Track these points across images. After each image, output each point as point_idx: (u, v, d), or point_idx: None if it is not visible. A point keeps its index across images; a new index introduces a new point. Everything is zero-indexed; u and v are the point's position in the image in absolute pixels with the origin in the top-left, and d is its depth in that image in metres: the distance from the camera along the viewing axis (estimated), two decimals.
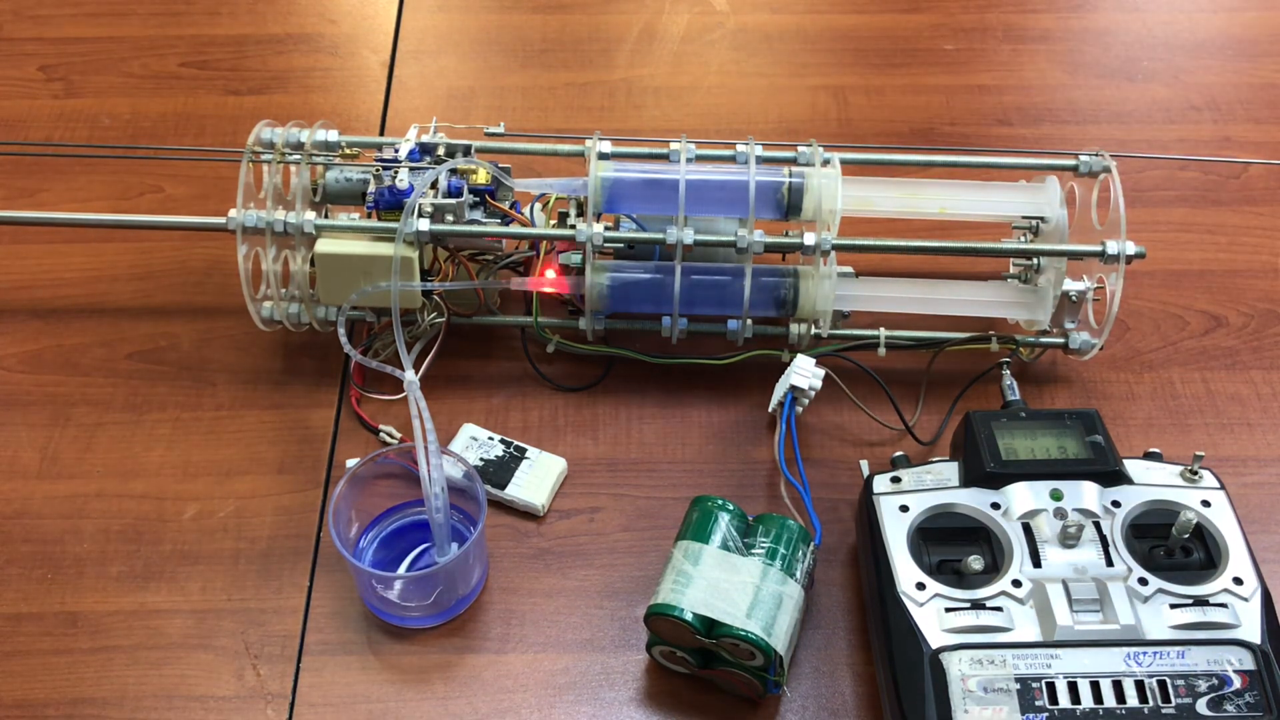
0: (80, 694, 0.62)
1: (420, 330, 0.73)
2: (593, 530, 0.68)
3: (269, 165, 0.70)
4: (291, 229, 0.69)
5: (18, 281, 0.80)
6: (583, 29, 0.99)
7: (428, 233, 0.68)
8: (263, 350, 0.76)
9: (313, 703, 0.62)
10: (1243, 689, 0.55)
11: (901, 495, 0.62)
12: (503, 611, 0.65)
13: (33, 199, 0.85)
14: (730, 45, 0.97)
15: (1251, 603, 0.57)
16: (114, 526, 0.68)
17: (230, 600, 0.65)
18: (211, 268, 0.81)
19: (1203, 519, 0.61)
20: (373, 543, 0.67)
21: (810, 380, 0.68)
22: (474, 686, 0.62)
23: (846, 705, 0.62)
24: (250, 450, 0.71)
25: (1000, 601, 0.58)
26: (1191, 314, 0.79)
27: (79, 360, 0.76)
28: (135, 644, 0.64)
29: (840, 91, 0.93)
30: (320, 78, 0.94)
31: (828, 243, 0.70)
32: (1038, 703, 0.54)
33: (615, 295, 0.72)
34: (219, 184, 0.86)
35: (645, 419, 0.74)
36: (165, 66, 0.95)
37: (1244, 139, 0.90)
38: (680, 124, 0.91)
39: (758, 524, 0.62)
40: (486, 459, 0.70)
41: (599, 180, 0.70)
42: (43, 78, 0.94)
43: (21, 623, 0.64)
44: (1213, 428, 0.73)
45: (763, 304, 0.72)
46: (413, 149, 0.71)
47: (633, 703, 0.62)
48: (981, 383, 0.74)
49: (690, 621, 0.58)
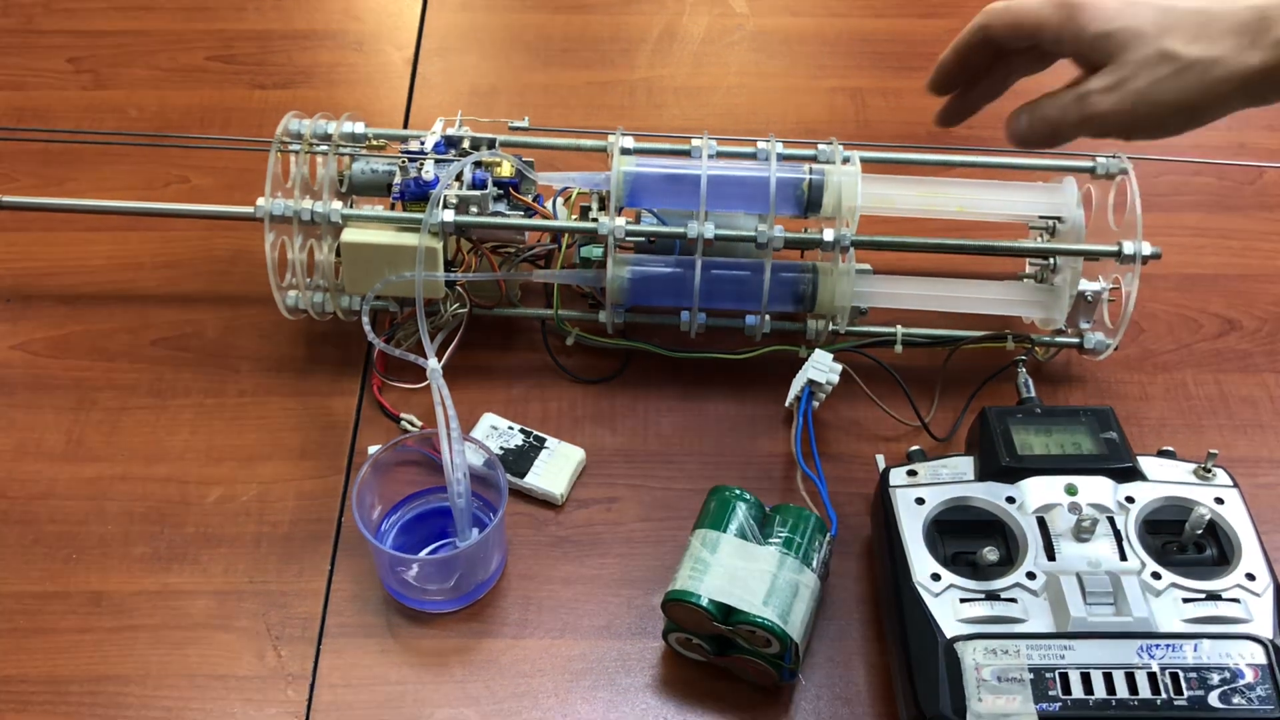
0: (104, 671, 0.63)
1: (443, 320, 0.74)
2: (610, 520, 0.69)
3: (296, 155, 0.71)
4: (318, 218, 0.70)
5: (46, 268, 0.81)
6: (604, 29, 1.00)
7: (452, 224, 0.69)
8: (286, 338, 0.77)
9: (332, 684, 0.63)
10: (1254, 683, 0.55)
11: (917, 488, 0.63)
12: (521, 597, 0.66)
13: (60, 188, 0.86)
14: (750, 47, 0.98)
15: (1264, 598, 0.58)
16: (138, 509, 0.69)
17: (252, 582, 0.66)
18: (236, 257, 0.82)
19: (1216, 515, 0.61)
20: (393, 528, 0.67)
21: (827, 375, 0.69)
22: (491, 670, 0.63)
23: (860, 694, 0.62)
24: (273, 436, 0.72)
25: (1014, 593, 0.59)
26: (1206, 317, 0.80)
27: (105, 346, 0.77)
28: (158, 624, 0.65)
29: (858, 93, 0.94)
30: (345, 73, 0.96)
31: (847, 239, 0.70)
32: (1051, 693, 0.55)
33: (635, 289, 0.73)
34: (244, 176, 0.87)
35: (663, 412, 0.74)
36: (192, 60, 0.96)
37: (1259, 145, 0.91)
38: (700, 124, 0.92)
39: (775, 514, 0.63)
40: (506, 448, 0.70)
41: (621, 175, 0.71)
42: (71, 69, 0.95)
43: (47, 601, 0.65)
44: (1226, 429, 0.74)
45: (781, 299, 0.73)
46: (438, 142, 0.72)
47: (648, 689, 0.63)
48: (996, 380, 0.74)
49: (707, 608, 0.59)
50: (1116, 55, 0.55)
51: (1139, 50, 0.54)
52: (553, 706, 0.62)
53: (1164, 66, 0.54)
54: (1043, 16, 0.58)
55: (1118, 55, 0.55)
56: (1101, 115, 0.56)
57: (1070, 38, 0.57)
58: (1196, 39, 0.53)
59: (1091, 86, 0.56)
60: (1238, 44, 0.53)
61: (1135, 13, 0.55)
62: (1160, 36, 0.54)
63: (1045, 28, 0.58)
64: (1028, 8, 0.58)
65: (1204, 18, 0.54)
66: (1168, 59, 0.54)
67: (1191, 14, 0.54)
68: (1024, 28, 0.59)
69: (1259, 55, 0.52)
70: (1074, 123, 0.58)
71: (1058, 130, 0.59)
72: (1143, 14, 0.55)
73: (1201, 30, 0.53)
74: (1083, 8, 0.56)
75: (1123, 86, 0.55)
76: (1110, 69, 0.56)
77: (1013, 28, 0.60)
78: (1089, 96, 0.56)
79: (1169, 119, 0.55)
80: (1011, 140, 0.62)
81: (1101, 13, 0.56)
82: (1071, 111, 0.57)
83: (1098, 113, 0.56)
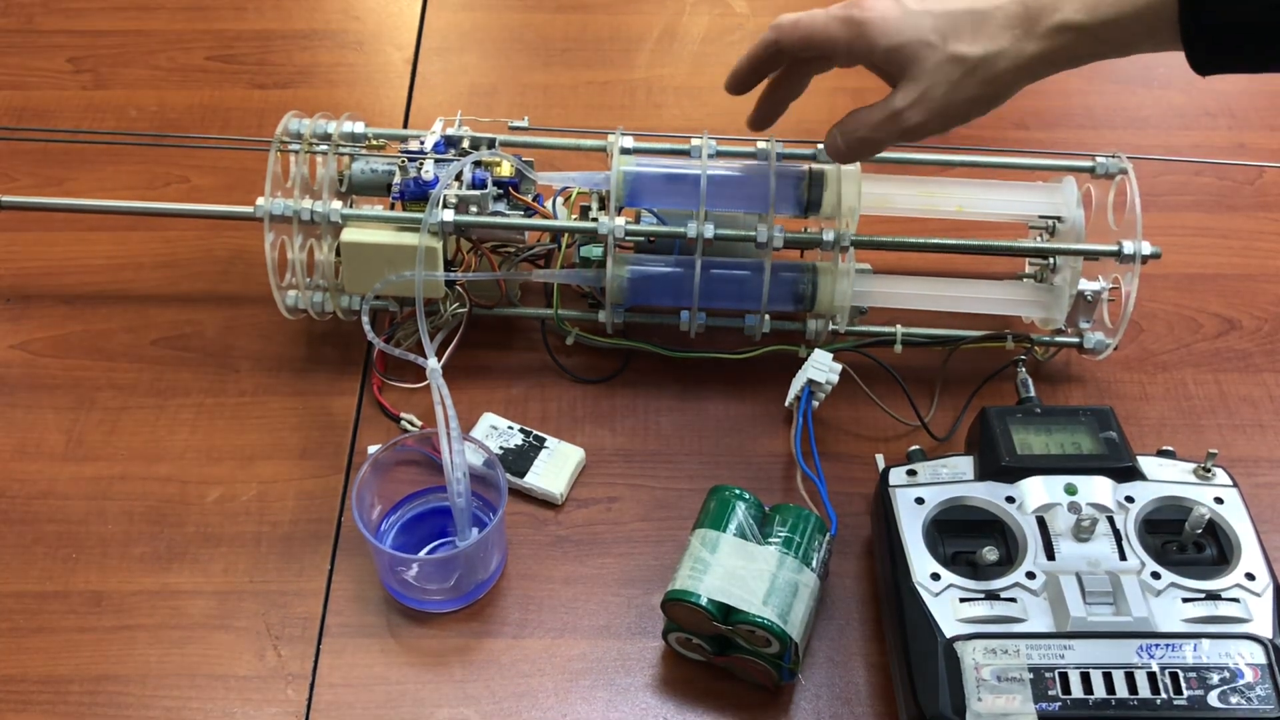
0: (103, 671, 0.63)
1: (442, 320, 0.74)
2: (610, 519, 0.69)
3: (296, 155, 0.71)
4: (318, 218, 0.70)
5: (45, 268, 0.81)
6: (604, 29, 1.00)
7: (452, 223, 0.69)
8: (286, 338, 0.77)
9: (332, 683, 0.63)
10: (1254, 682, 0.55)
11: (917, 488, 0.63)
12: (520, 597, 0.66)
13: (60, 188, 0.86)
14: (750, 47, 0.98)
15: (1263, 598, 0.58)
16: (138, 508, 0.69)
17: (252, 582, 0.66)
18: (235, 257, 0.82)
19: (1215, 515, 0.61)
20: (393, 527, 0.67)
21: (827, 375, 0.69)
22: (491, 670, 0.63)
23: (860, 694, 0.62)
24: (273, 436, 0.72)
25: (1014, 593, 0.59)
26: (1205, 317, 0.80)
27: (105, 345, 0.77)
28: (158, 623, 0.65)
29: (859, 94, 0.93)
30: (344, 73, 0.96)
31: (847, 239, 0.70)
32: (1050, 692, 0.55)
33: (635, 288, 0.73)
34: (244, 175, 0.87)
35: (663, 411, 0.74)
36: (192, 60, 0.96)
37: (1259, 145, 0.91)
38: (699, 123, 0.92)
39: (774, 514, 0.63)
40: (506, 448, 0.70)
41: (621, 174, 0.71)
42: (71, 69, 0.95)
43: (47, 601, 0.65)
44: (1225, 429, 0.74)
45: (781, 299, 0.73)
46: (438, 141, 0.72)
47: (648, 689, 0.63)
48: (996, 380, 0.74)
49: (707, 607, 0.59)
50: (910, 67, 0.59)
51: (930, 58, 0.58)
52: (553, 706, 0.62)
53: (956, 69, 0.58)
54: (831, 33, 0.61)
55: (911, 67, 0.59)
56: (913, 129, 0.60)
57: (862, 53, 0.60)
58: (977, 38, 0.58)
59: (897, 105, 0.60)
60: (1014, 36, 0.57)
61: (917, 23, 0.58)
62: (946, 41, 0.58)
63: (835, 44, 0.61)
64: (817, 25, 0.61)
65: (978, 17, 0.58)
66: (958, 61, 0.58)
67: (966, 15, 0.58)
68: (814, 44, 0.62)
69: (1035, 45, 0.57)
70: (888, 138, 0.62)
71: (874, 146, 0.63)
72: (924, 23, 0.58)
73: (979, 29, 0.58)
74: (869, 24, 0.59)
75: (926, 97, 0.59)
76: (909, 83, 0.59)
77: (804, 43, 0.62)
78: (900, 115, 0.60)
79: (970, 112, 0.60)
80: (831, 157, 0.65)
81: (887, 26, 0.59)
82: (884, 129, 0.61)
83: (909, 127, 0.60)
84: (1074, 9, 0.56)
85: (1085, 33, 0.56)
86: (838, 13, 0.60)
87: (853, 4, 0.60)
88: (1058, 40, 0.57)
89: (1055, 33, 0.57)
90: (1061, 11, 0.56)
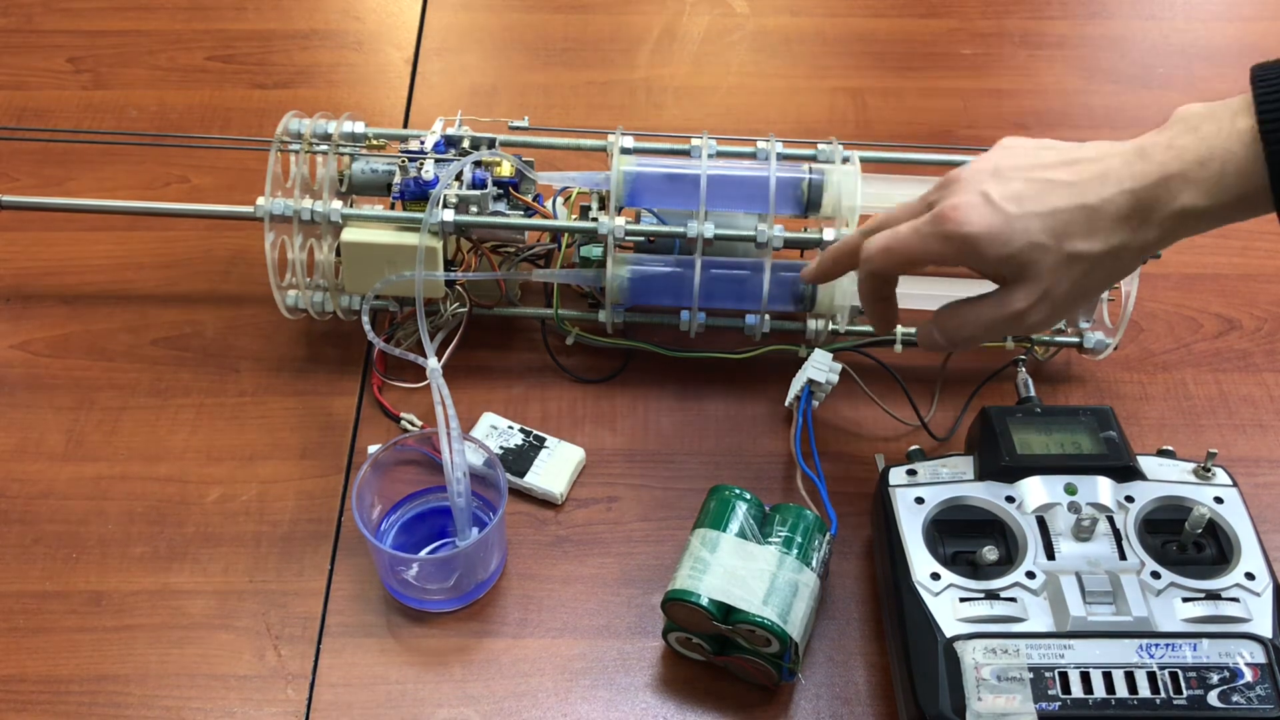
0: (103, 671, 0.63)
1: (442, 320, 0.74)
2: (610, 519, 0.69)
3: (296, 155, 0.71)
4: (318, 218, 0.70)
5: (45, 268, 0.81)
6: (604, 29, 1.00)
7: (452, 223, 0.69)
8: (286, 338, 0.77)
9: (332, 683, 0.63)
10: (1254, 682, 0.55)
11: (917, 488, 0.63)
12: (520, 597, 0.66)
13: (60, 188, 0.86)
14: (750, 47, 0.98)
15: (1263, 597, 0.58)
16: (138, 508, 0.69)
17: (252, 582, 0.66)
18: (236, 257, 0.82)
19: (1215, 515, 0.61)
20: (393, 527, 0.67)
21: (827, 374, 0.69)
22: (491, 670, 0.63)
23: (859, 694, 0.62)
24: (273, 436, 0.72)
25: (1014, 592, 0.59)
26: (1205, 317, 0.80)
27: (105, 345, 0.77)
28: (158, 623, 0.65)
29: (859, 94, 0.94)
30: (345, 73, 0.96)
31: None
32: (1050, 692, 0.55)
33: (635, 288, 0.73)
34: (244, 175, 0.87)
35: (663, 411, 0.74)
36: (192, 60, 0.96)
37: None
38: (700, 123, 0.92)
39: (774, 513, 0.63)
40: (506, 447, 0.70)
41: (621, 174, 0.71)
42: (71, 69, 0.95)
43: (47, 601, 0.65)
44: (1225, 429, 0.74)
45: (781, 299, 0.73)
46: (438, 141, 0.72)
47: (648, 688, 0.63)
48: (996, 380, 0.74)
49: (706, 607, 0.59)
50: (1026, 271, 0.56)
51: (1046, 261, 0.56)
52: (552, 706, 0.62)
53: (1077, 267, 0.56)
54: (934, 253, 0.58)
55: (1027, 271, 0.56)
56: (1036, 325, 0.58)
57: (972, 266, 0.58)
58: (1092, 236, 0.55)
59: (1019, 306, 0.57)
60: (1131, 228, 0.55)
61: (1026, 226, 0.55)
62: (1060, 242, 0.55)
63: (941, 261, 0.58)
64: (913, 248, 0.58)
65: (1088, 213, 0.55)
66: (1078, 260, 0.56)
67: (1076, 212, 0.55)
68: (915, 266, 0.60)
69: (1154, 232, 0.55)
70: (1005, 334, 0.59)
71: (983, 340, 0.61)
72: (1032, 225, 0.55)
73: (1093, 226, 0.55)
74: (975, 240, 0.56)
75: (1049, 298, 0.57)
76: (1028, 284, 0.57)
77: (902, 268, 0.61)
78: (1023, 315, 0.57)
79: (1095, 297, 0.63)
80: (923, 349, 0.63)
81: (995, 238, 0.56)
82: (1003, 329, 0.58)
83: (1032, 324, 0.58)
84: (1193, 196, 0.54)
85: (1208, 215, 0.54)
86: (931, 229, 0.57)
87: (943, 217, 0.57)
88: (1178, 224, 0.55)
89: (1175, 219, 0.55)
90: (1180, 200, 0.54)
